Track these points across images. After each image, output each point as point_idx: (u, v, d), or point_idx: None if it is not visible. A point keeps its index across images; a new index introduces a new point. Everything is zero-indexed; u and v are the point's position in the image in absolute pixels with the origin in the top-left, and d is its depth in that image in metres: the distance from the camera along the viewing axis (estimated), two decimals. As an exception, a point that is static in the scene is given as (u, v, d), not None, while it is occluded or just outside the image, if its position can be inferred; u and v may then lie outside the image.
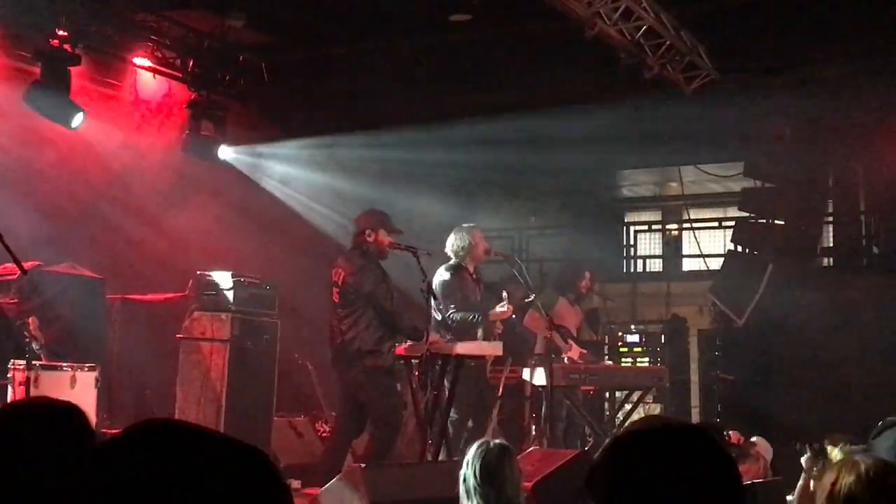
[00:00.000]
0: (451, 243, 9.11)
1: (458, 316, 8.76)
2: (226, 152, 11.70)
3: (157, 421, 1.29)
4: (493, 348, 8.72)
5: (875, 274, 12.96)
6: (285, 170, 12.28)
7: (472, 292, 9.02)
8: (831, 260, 14.46)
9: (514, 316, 10.67)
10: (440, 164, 14.81)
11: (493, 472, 4.70)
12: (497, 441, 5.02)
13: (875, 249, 14.18)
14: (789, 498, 7.47)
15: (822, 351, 11.95)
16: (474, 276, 9.16)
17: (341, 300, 8.21)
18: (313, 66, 11.91)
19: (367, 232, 8.28)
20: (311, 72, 12.08)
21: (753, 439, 8.85)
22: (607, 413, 11.13)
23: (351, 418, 8.26)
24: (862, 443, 5.66)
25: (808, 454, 7.30)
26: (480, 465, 4.71)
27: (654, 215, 18.68)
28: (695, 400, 12.61)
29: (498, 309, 8.89)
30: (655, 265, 17.06)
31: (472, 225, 9.42)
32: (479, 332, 8.81)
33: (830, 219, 14.24)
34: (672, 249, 16.87)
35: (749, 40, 11.04)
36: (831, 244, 14.35)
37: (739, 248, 12.27)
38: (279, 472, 1.29)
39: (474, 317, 8.82)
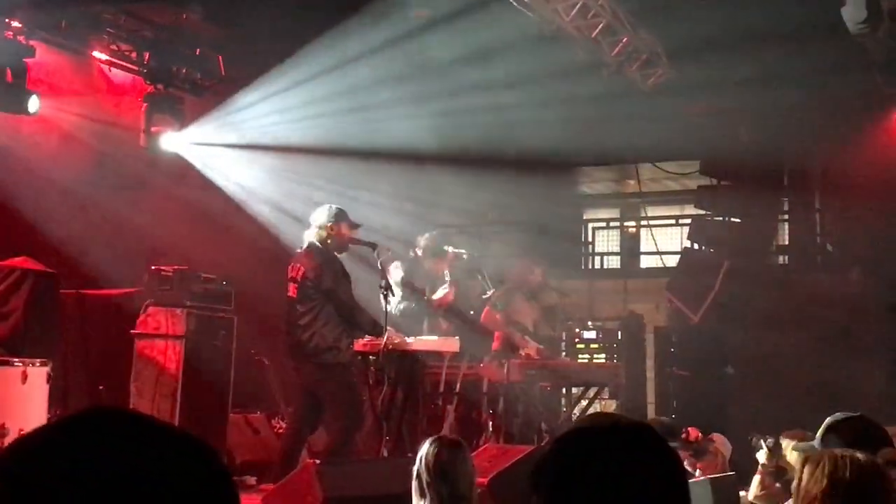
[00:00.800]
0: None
1: (412, 311, 8.79)
2: (182, 146, 11.61)
3: (100, 408, 1.26)
4: (450, 344, 8.72)
5: (829, 272, 13.11)
6: (241, 164, 12.20)
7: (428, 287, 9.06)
8: (786, 258, 14.61)
9: (472, 312, 10.71)
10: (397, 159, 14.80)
11: (445, 467, 4.70)
12: (450, 437, 5.02)
13: (829, 248, 14.35)
14: (742, 493, 7.52)
15: (778, 348, 12.07)
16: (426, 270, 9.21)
17: (300, 295, 8.17)
18: (271, 60, 11.84)
19: (330, 227, 8.25)
20: (270, 66, 12.00)
21: (712, 436, 8.90)
22: (564, 409, 11.16)
23: (307, 414, 8.23)
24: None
25: (765, 450, 7.35)
26: (433, 461, 4.71)
27: (613, 212, 18.78)
28: (650, 396, 12.69)
29: (440, 292, 8.92)
30: (613, 262, 17.16)
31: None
32: (425, 327, 8.82)
33: (786, 217, 14.40)
34: (630, 246, 16.97)
35: (706, 38, 11.11)
36: (786, 242, 14.50)
37: (696, 246, 12.36)
38: (223, 463, 1.27)
39: (428, 311, 8.86)
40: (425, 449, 4.82)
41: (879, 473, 2.95)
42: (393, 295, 8.44)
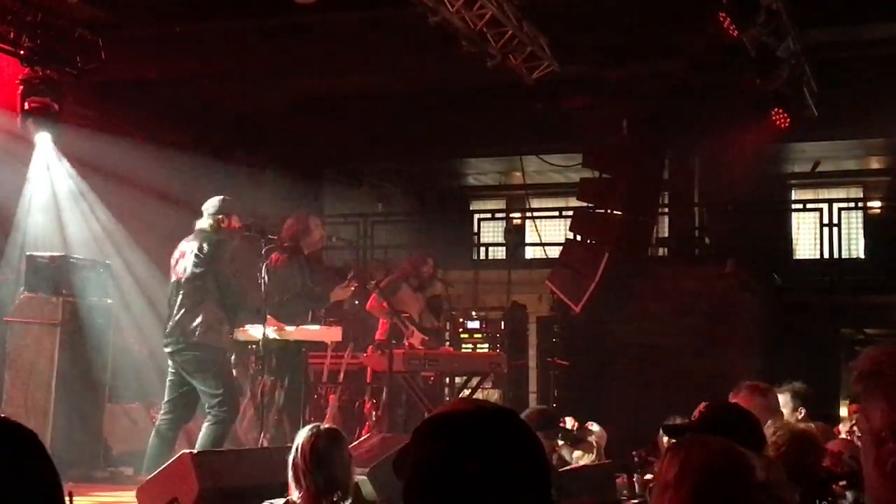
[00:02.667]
0: (287, 227, 9.11)
1: (300, 300, 8.73)
2: (60, 131, 11.31)
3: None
4: (333, 333, 8.70)
5: (707, 264, 13.45)
6: (119, 150, 11.93)
7: (309, 276, 9.01)
8: (666, 250, 14.94)
9: (356, 301, 10.70)
10: (285, 148, 14.71)
11: (321, 457, 4.70)
12: (327, 426, 5.02)
13: (707, 241, 14.73)
14: (619, 480, 7.67)
15: (658, 338, 12.34)
16: (309, 260, 9.16)
17: (184, 279, 8.06)
18: (153, 44, 11.64)
19: (221, 217, 8.17)
20: (152, 51, 11.80)
21: (588, 424, 9.06)
22: (447, 398, 11.23)
23: (183, 402, 8.12)
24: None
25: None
26: (309, 450, 4.70)
27: (499, 204, 18.97)
28: (532, 385, 12.86)
29: (338, 289, 8.91)
30: (499, 253, 17.32)
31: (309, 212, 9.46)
32: (308, 317, 8.79)
33: (666, 210, 14.72)
34: (515, 237, 17.15)
35: (590, 33, 11.28)
36: (666, 235, 14.83)
37: (577, 238, 12.54)
38: (43, 447, 1.25)
39: (316, 299, 8.82)
40: (302, 438, 4.82)
41: (733, 461, 3.01)
42: (269, 282, 8.39)
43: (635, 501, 6.67)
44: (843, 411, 12.02)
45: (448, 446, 1.96)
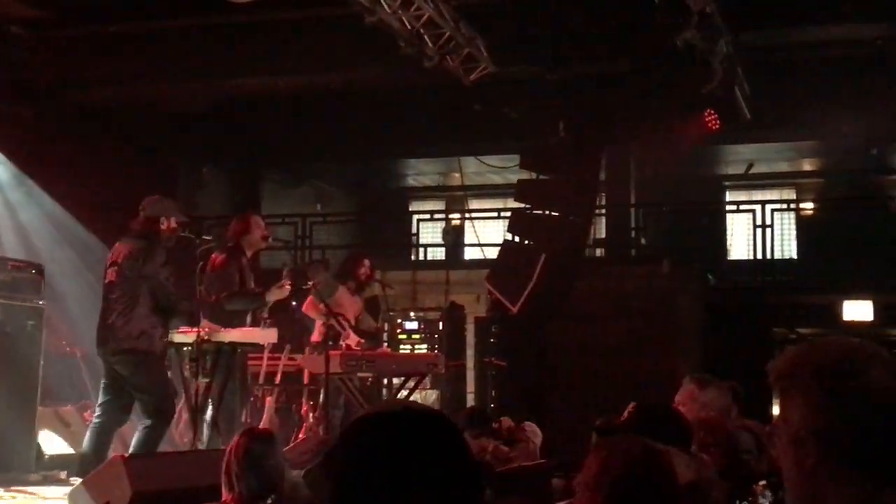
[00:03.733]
0: (231, 228, 9.06)
1: (237, 300, 8.68)
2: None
3: None
4: (268, 335, 8.66)
5: (643, 265, 13.58)
6: (52, 151, 11.79)
7: (250, 277, 8.95)
8: (603, 251, 15.06)
9: (294, 303, 10.64)
10: (222, 149, 14.60)
11: (255, 460, 4.68)
12: (260, 429, 5.01)
13: (643, 241, 14.88)
14: (556, 481, 7.71)
15: (594, 338, 12.42)
16: (250, 261, 9.10)
17: (118, 280, 7.98)
18: (88, 43, 11.51)
19: (157, 218, 8.10)
20: (86, 50, 11.66)
21: (523, 425, 9.10)
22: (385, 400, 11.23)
23: (118, 405, 8.03)
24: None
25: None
26: (243, 454, 4.68)
27: (438, 205, 19.00)
28: (470, 385, 12.89)
29: (275, 289, 8.86)
30: (438, 253, 17.34)
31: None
32: (248, 318, 8.74)
33: (603, 211, 14.84)
34: (453, 238, 17.19)
35: (527, 34, 11.34)
36: (603, 236, 14.95)
37: (515, 239, 12.59)
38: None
39: (253, 301, 8.78)
40: (235, 441, 4.81)
41: (652, 461, 3.05)
42: (206, 283, 8.34)
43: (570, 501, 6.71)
44: (777, 410, 12.18)
45: (375, 447, 1.96)
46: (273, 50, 11.74)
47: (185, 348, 8.14)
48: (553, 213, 12.47)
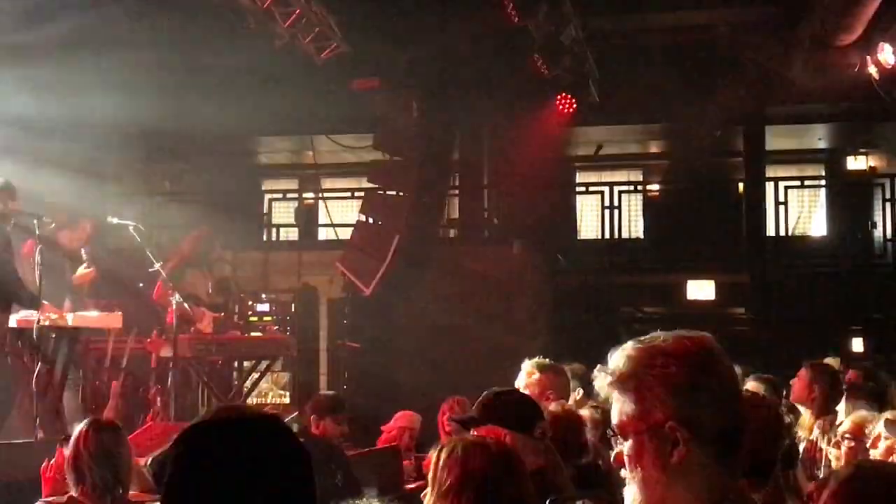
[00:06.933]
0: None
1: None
2: None
3: None
4: (112, 320, 8.44)
5: (494, 245, 13.71)
6: None
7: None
8: (455, 231, 15.14)
9: (141, 284, 10.39)
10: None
11: (107, 452, 4.49)
12: (106, 419, 4.84)
13: (495, 222, 15.01)
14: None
15: (447, 319, 12.47)
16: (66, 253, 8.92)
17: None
18: None
19: (-3, 201, 7.83)
20: None
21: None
22: (235, 383, 11.06)
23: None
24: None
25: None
26: (95, 446, 4.48)
27: (291, 184, 18.75)
28: (323, 367, 12.80)
29: (81, 270, 8.68)
30: (291, 234, 17.14)
31: None
32: (67, 303, 8.50)
33: (456, 192, 14.90)
34: (306, 218, 17.00)
35: (379, 14, 11.28)
36: (456, 216, 15.02)
37: (369, 220, 12.54)
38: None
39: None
40: (82, 432, 4.57)
41: (510, 459, 3.08)
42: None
43: (418, 483, 6.76)
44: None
45: (204, 454, 1.93)
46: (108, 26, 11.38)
47: (25, 333, 7.87)
48: (406, 194, 12.47)
